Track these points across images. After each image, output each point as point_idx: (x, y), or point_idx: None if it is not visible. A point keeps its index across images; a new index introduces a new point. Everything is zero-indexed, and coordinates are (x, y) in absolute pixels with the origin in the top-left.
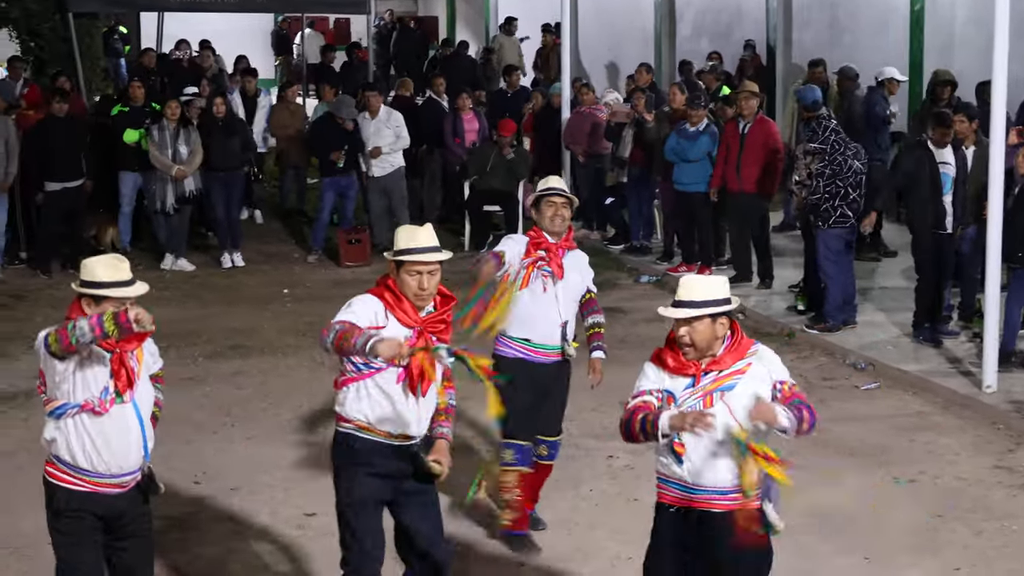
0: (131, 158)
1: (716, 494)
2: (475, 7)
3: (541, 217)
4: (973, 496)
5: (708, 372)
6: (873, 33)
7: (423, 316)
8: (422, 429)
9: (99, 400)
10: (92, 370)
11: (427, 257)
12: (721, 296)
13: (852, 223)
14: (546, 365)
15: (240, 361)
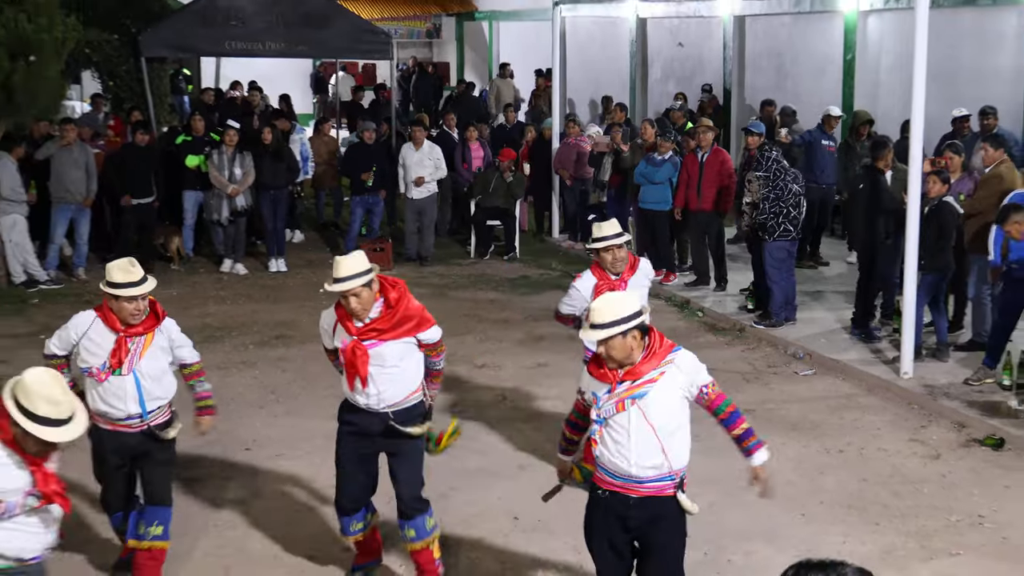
0: (193, 179)
1: (634, 483)
2: (480, 54)
3: (603, 262)
4: (891, 464)
5: (623, 381)
6: (812, 79)
7: (359, 327)
8: (382, 401)
9: (98, 371)
10: (94, 349)
11: (346, 286)
12: (628, 314)
13: (793, 235)
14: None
15: (284, 349)
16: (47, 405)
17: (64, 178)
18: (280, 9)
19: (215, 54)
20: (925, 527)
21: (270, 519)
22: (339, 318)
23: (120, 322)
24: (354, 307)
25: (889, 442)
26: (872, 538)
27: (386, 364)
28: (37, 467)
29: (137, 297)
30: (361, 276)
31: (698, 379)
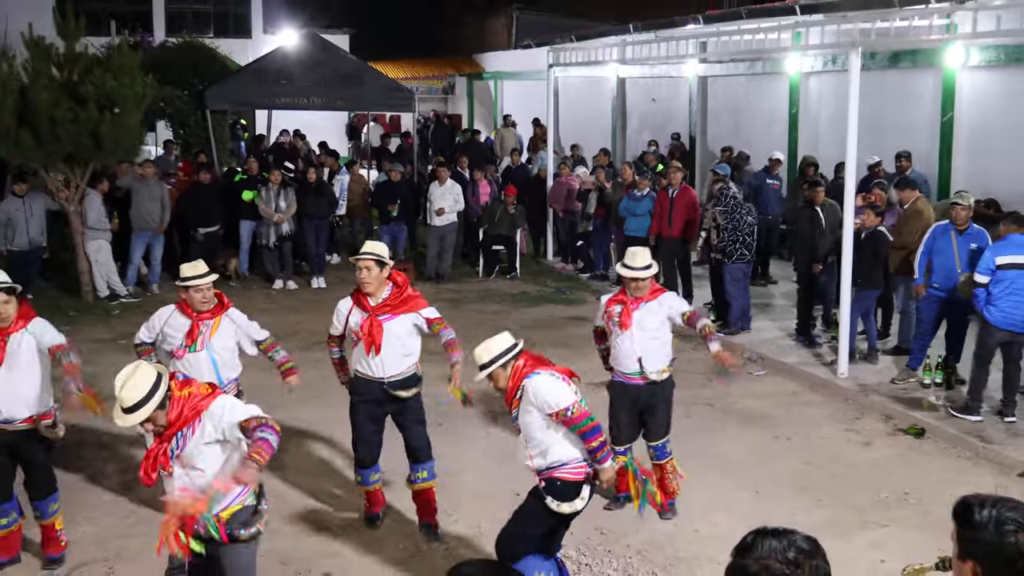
0: (247, 211)
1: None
2: (487, 107)
3: (627, 287)
4: (831, 450)
5: (512, 408)
6: (763, 129)
7: (374, 305)
8: (387, 372)
9: (177, 349)
10: (173, 333)
11: (361, 257)
12: (502, 351)
13: (748, 258)
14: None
15: (322, 352)
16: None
17: (142, 209)
18: (321, 70)
19: (267, 107)
20: (859, 502)
21: (306, 472)
22: (355, 302)
23: (192, 309)
24: (363, 277)
25: (829, 431)
26: (815, 511)
27: (392, 338)
28: (156, 441)
29: (203, 287)
30: (373, 255)
31: (542, 407)
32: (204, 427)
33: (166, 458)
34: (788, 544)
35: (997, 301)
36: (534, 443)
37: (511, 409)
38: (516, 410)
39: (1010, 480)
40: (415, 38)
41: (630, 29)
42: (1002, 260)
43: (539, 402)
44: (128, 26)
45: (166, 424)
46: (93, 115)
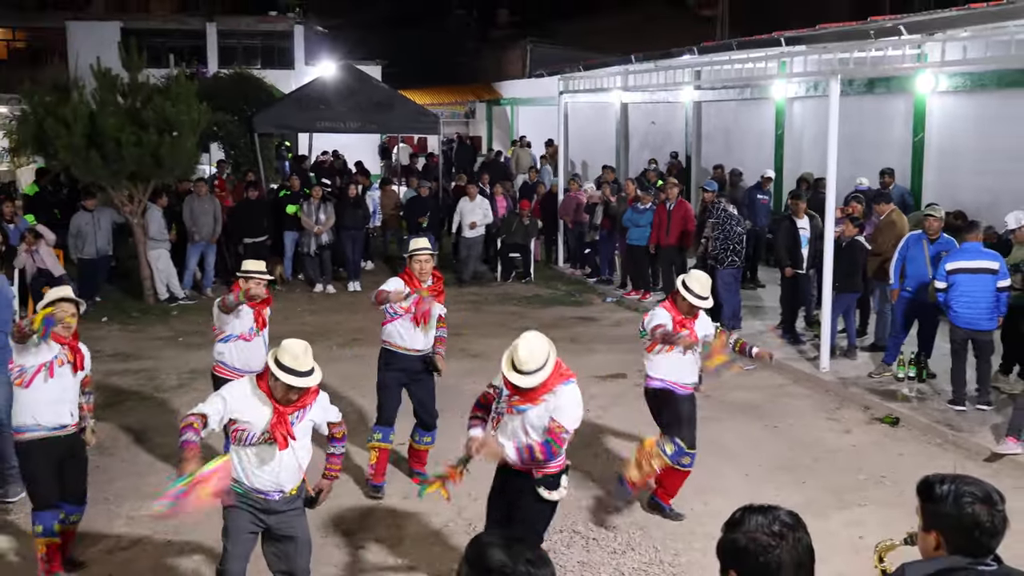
0: (291, 222)
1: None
2: (503, 129)
3: (682, 308)
4: (813, 436)
5: (516, 394)
6: (752, 149)
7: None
8: (421, 345)
9: (249, 333)
10: (243, 318)
11: (422, 252)
12: (541, 364)
13: (739, 265)
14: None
15: (359, 348)
16: (290, 359)
17: (197, 221)
18: (356, 98)
19: (308, 130)
20: (839, 484)
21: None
22: (410, 282)
23: (252, 299)
24: (424, 268)
25: (811, 420)
26: (799, 492)
27: (432, 317)
28: (277, 411)
29: (263, 281)
30: (428, 250)
31: (555, 412)
32: (315, 410)
33: (291, 426)
34: (773, 519)
35: (953, 303)
36: (531, 438)
37: (524, 401)
38: (531, 405)
39: (976, 465)
40: (440, 68)
41: (632, 59)
42: (952, 266)
43: (556, 408)
44: (185, 59)
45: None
46: (154, 138)
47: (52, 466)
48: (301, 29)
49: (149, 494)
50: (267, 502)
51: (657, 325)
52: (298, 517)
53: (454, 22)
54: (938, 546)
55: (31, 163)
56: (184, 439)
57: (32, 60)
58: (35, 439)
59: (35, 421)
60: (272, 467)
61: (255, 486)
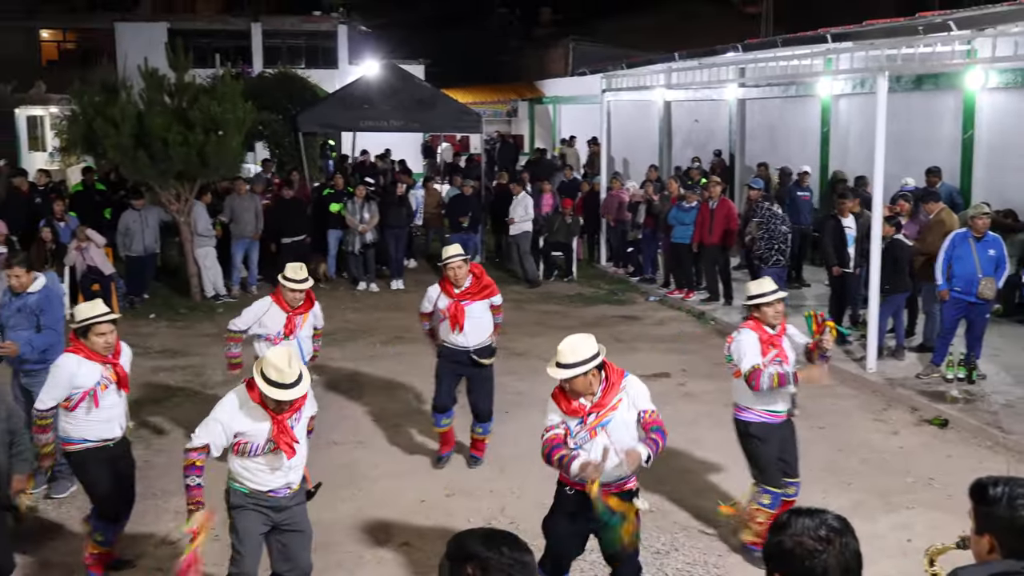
0: (335, 221)
1: (602, 485)
2: (545, 128)
3: (765, 316)
4: (860, 438)
5: (591, 413)
6: (798, 145)
7: (457, 292)
8: (469, 343)
9: (275, 337)
10: (270, 323)
11: (452, 260)
12: (590, 355)
13: (784, 264)
14: (783, 423)
15: (401, 346)
16: (276, 372)
17: (240, 219)
18: (399, 97)
19: (351, 129)
20: (887, 486)
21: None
22: (442, 289)
23: (288, 305)
24: (457, 274)
25: (858, 421)
26: (845, 494)
27: (473, 316)
28: (276, 421)
29: (296, 291)
30: (460, 256)
31: (639, 403)
32: (307, 407)
33: (292, 431)
34: (820, 523)
35: None
36: (626, 447)
37: (601, 415)
38: (613, 413)
39: None
40: (482, 67)
41: (675, 57)
42: None
43: (636, 399)
44: (230, 59)
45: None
46: (200, 137)
47: (108, 471)
48: (345, 29)
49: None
50: (276, 499)
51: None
52: (302, 511)
53: (497, 21)
54: (992, 549)
55: (81, 162)
56: (188, 483)
57: (82, 61)
58: (86, 449)
59: (82, 436)
60: (282, 470)
61: (266, 487)
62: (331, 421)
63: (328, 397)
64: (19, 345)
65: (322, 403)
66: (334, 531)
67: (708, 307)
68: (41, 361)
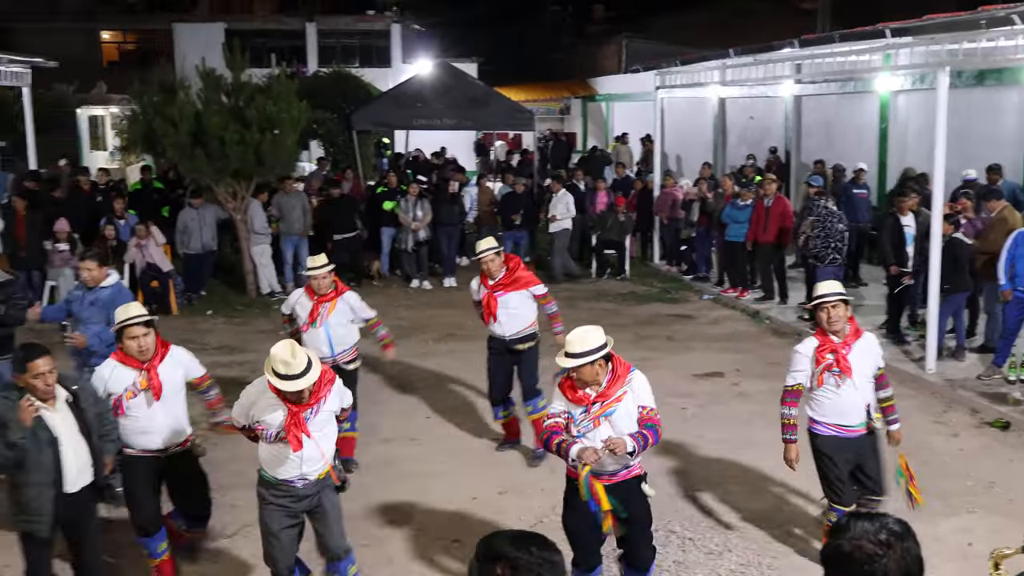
0: (388, 219)
1: (605, 474)
2: (598, 125)
3: (821, 321)
4: (920, 440)
5: (596, 403)
6: (854, 142)
7: (491, 283)
8: (505, 332)
9: (304, 324)
10: (300, 311)
11: (484, 254)
12: (597, 346)
13: (840, 262)
14: (858, 438)
15: (455, 343)
16: (283, 366)
17: (288, 217)
18: (452, 95)
19: (405, 127)
20: (947, 490)
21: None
22: (481, 280)
23: (315, 292)
24: (490, 267)
25: (918, 423)
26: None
27: (508, 308)
28: (291, 413)
29: (319, 276)
30: (492, 250)
31: (640, 399)
32: (332, 400)
33: (305, 424)
34: (880, 527)
35: None
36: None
37: (605, 405)
38: (616, 405)
39: None
40: (535, 65)
41: (730, 54)
42: None
43: (643, 395)
44: (286, 58)
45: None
46: (256, 136)
47: (144, 484)
48: (398, 28)
49: (252, 483)
50: (293, 489)
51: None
52: (328, 496)
53: (549, 19)
54: None
55: (140, 161)
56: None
57: (141, 61)
58: (127, 456)
59: (127, 442)
60: (294, 461)
61: (281, 476)
62: (384, 418)
63: (381, 394)
64: (87, 337)
65: (375, 400)
66: (385, 527)
67: (763, 306)
68: (107, 356)
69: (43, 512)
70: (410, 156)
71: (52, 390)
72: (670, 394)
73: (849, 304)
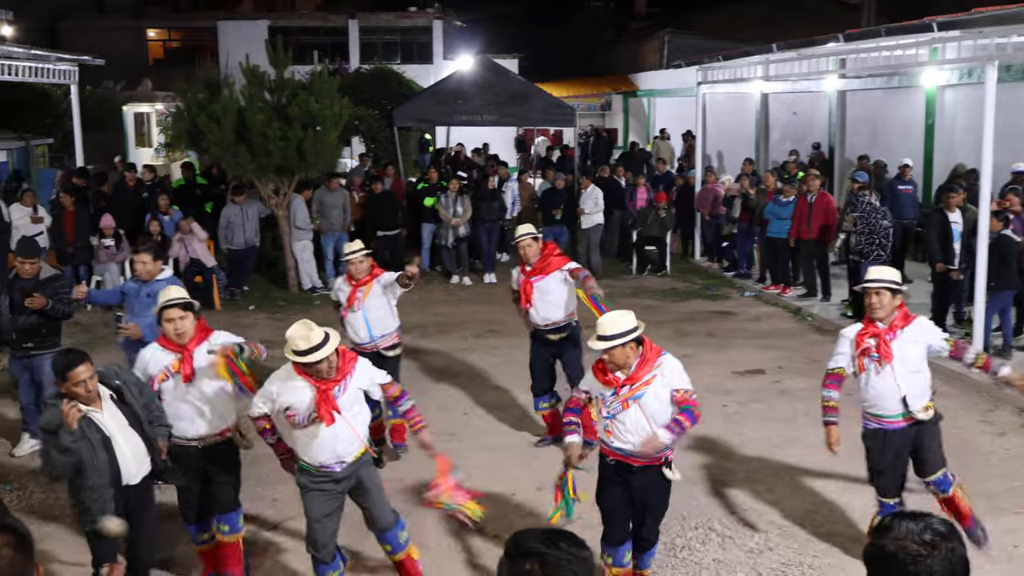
0: (428, 215)
1: (635, 456)
2: (640, 122)
3: (865, 307)
4: (964, 439)
5: (625, 385)
6: (900, 138)
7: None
8: (539, 319)
9: (344, 309)
10: (341, 297)
11: (521, 239)
12: (628, 329)
13: (884, 259)
14: (899, 430)
15: (495, 339)
16: (302, 341)
17: (328, 214)
18: (493, 91)
19: (446, 124)
20: (993, 490)
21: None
22: (520, 267)
23: (352, 277)
24: (527, 252)
25: (963, 422)
26: None
27: (543, 293)
28: (320, 390)
29: (355, 260)
30: (530, 234)
31: (674, 382)
32: (358, 377)
33: (335, 401)
34: (925, 527)
35: None
36: (659, 421)
37: (634, 388)
38: (645, 388)
39: None
40: (576, 60)
41: (773, 49)
42: None
43: (671, 378)
44: (328, 55)
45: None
46: (298, 132)
47: (189, 474)
48: (440, 24)
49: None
50: (332, 473)
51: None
52: (368, 472)
53: (590, 14)
54: None
55: (185, 158)
56: (270, 443)
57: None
58: (174, 445)
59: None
60: (328, 442)
61: (318, 461)
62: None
63: (421, 389)
64: (140, 328)
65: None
66: (425, 523)
67: (805, 303)
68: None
69: (107, 511)
70: (451, 152)
71: (94, 394)
72: (711, 391)
73: (897, 294)
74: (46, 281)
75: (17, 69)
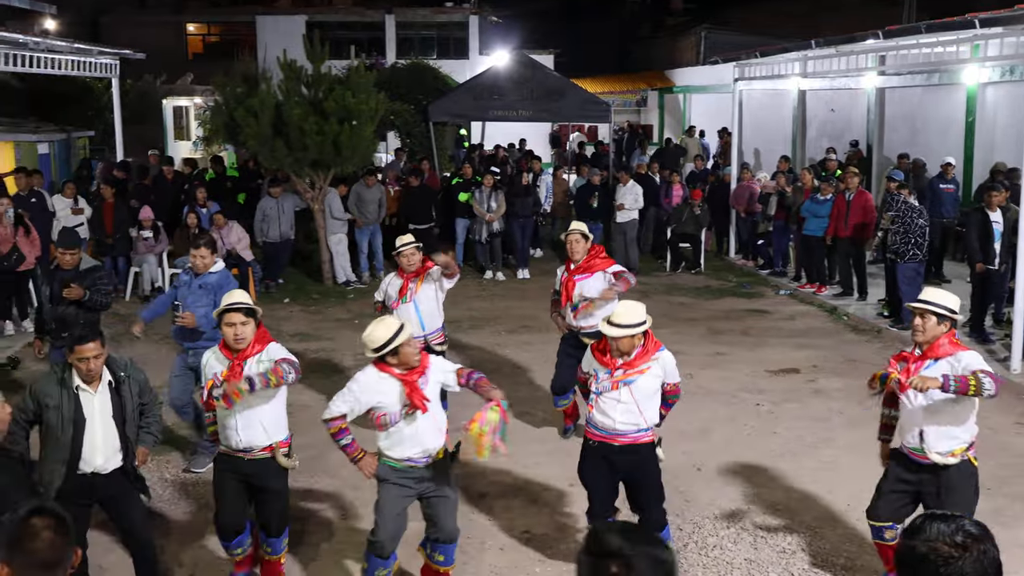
0: (462, 210)
1: (616, 435)
2: (676, 118)
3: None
4: (1000, 441)
5: (620, 369)
6: (940, 136)
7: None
8: (578, 322)
9: (393, 302)
10: (391, 291)
11: (572, 234)
12: (640, 320)
13: (920, 258)
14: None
15: (527, 335)
16: (383, 329)
17: (365, 208)
18: (529, 86)
19: (481, 119)
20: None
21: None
22: (565, 266)
23: (403, 270)
24: (574, 248)
25: (999, 424)
26: (985, 499)
27: (584, 293)
28: (406, 383)
29: (407, 253)
30: (580, 231)
31: (668, 376)
32: (433, 372)
33: (422, 390)
34: (956, 528)
35: None
36: (644, 405)
37: (628, 373)
38: (639, 376)
39: None
40: (612, 56)
41: (812, 45)
42: None
43: (667, 372)
44: (365, 50)
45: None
46: (334, 127)
47: (223, 483)
48: (476, 19)
49: (326, 469)
50: (418, 469)
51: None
52: (445, 478)
53: (627, 10)
54: None
55: (223, 151)
56: (342, 446)
57: (224, 54)
58: (219, 451)
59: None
60: (416, 435)
61: (406, 456)
62: (455, 409)
63: None
64: (196, 316)
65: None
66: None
67: (841, 302)
68: (212, 339)
69: (50, 487)
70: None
71: (95, 373)
72: (744, 390)
73: (946, 321)
74: (85, 272)
75: (60, 63)
